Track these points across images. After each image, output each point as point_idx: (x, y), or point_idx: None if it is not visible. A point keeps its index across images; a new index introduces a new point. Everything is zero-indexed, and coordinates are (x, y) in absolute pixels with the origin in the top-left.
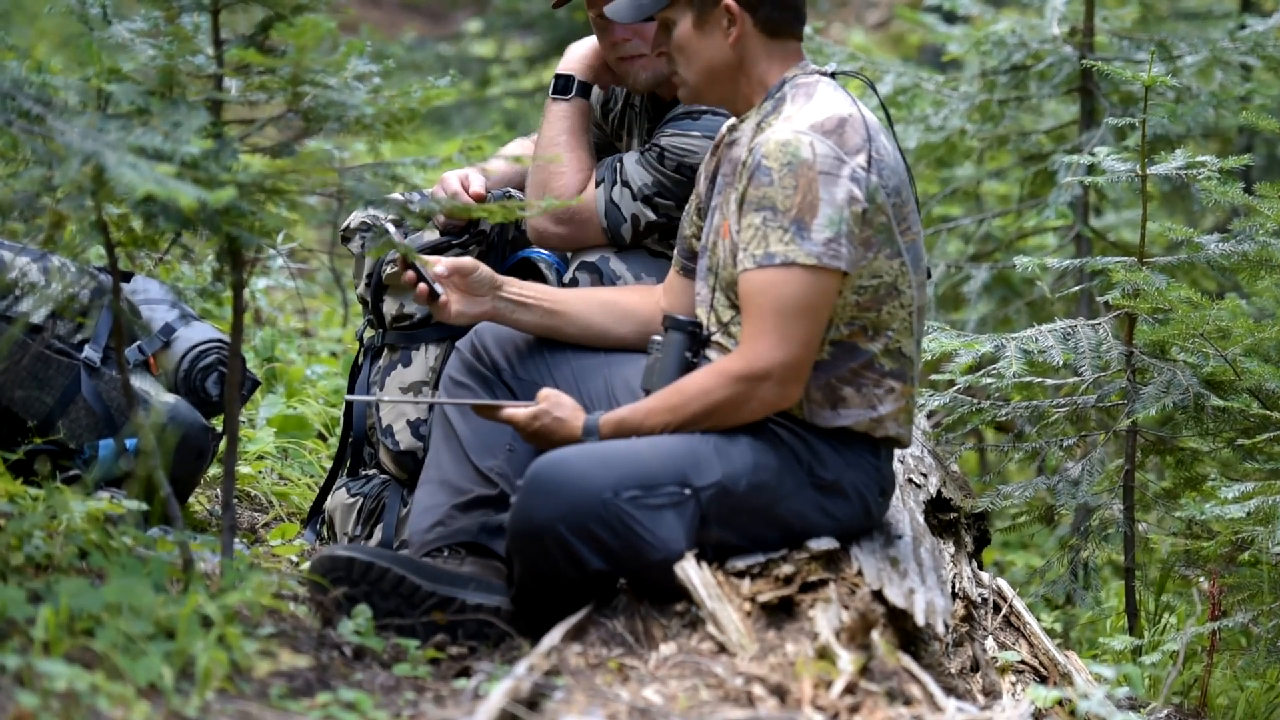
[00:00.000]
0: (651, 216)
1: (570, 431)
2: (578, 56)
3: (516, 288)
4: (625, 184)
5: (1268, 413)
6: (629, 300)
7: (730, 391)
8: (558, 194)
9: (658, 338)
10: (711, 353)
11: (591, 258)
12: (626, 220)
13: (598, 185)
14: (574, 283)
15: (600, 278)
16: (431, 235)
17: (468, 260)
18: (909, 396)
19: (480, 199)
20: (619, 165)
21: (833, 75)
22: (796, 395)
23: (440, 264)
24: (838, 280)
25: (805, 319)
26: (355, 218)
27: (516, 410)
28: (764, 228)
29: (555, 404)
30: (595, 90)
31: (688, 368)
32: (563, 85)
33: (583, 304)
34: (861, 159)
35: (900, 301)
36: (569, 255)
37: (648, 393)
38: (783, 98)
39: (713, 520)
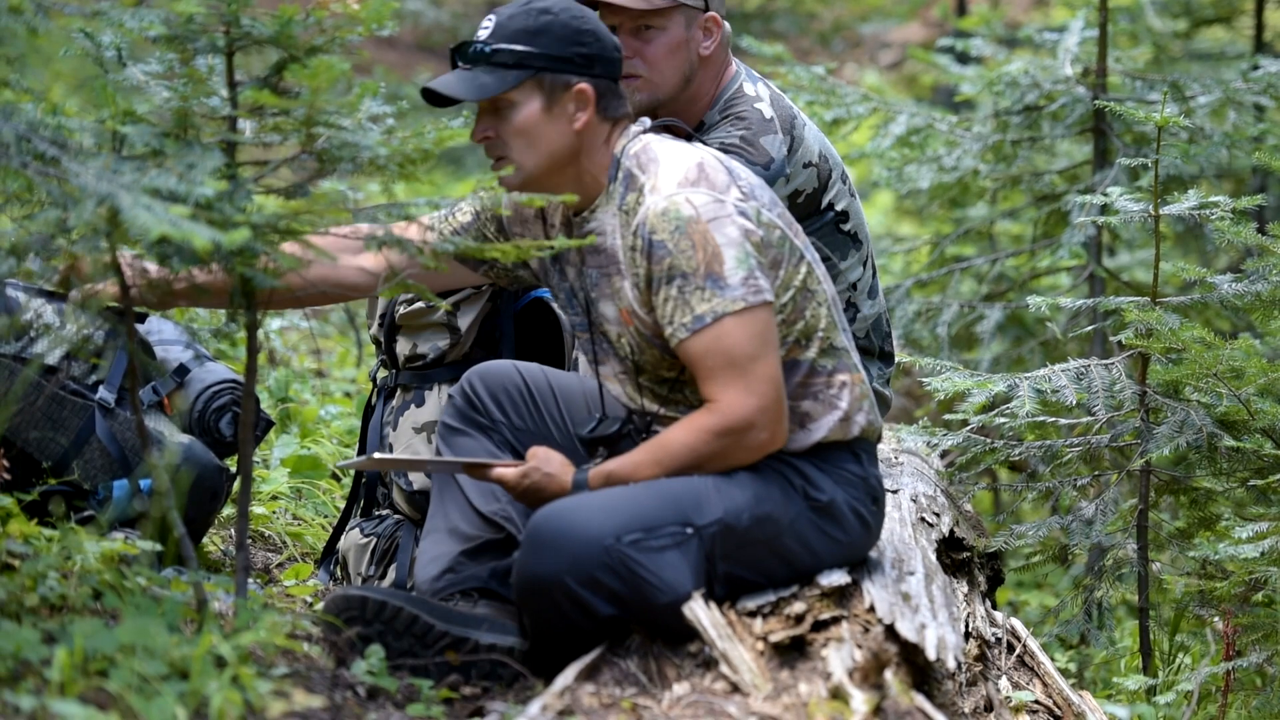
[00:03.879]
0: None
1: (560, 486)
2: None
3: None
4: None
5: None
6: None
7: (716, 446)
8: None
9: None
10: (659, 427)
11: None
12: None
13: None
14: None
15: None
16: None
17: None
18: (861, 382)
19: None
20: None
21: (646, 129)
22: (783, 435)
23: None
24: (769, 309)
25: (760, 359)
26: None
27: (506, 470)
28: (681, 296)
29: (544, 460)
30: None
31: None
32: None
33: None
34: (735, 193)
35: (817, 300)
36: None
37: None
38: (629, 174)
39: (719, 557)
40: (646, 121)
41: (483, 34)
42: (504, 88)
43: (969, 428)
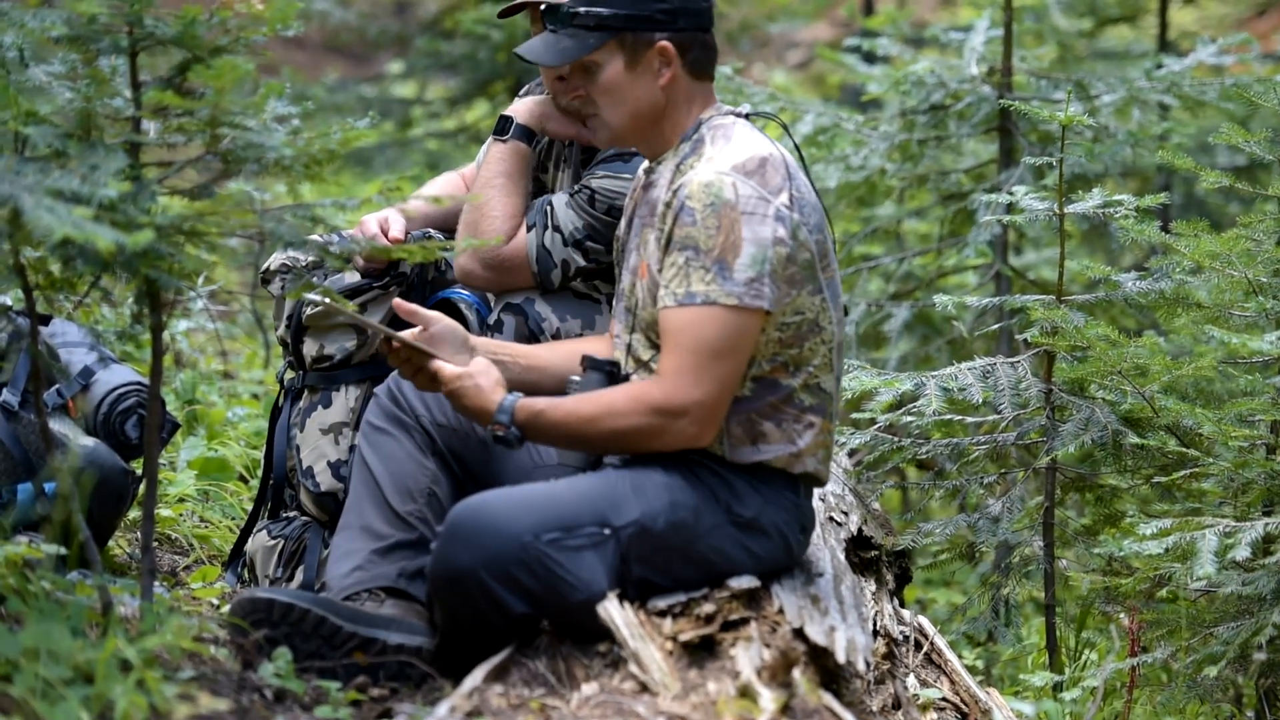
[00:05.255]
0: (581, 262)
1: (487, 401)
2: (523, 102)
3: (491, 345)
4: (556, 229)
5: (1185, 450)
6: (598, 350)
7: (645, 421)
8: (488, 237)
9: (575, 378)
10: None
11: (516, 299)
12: (557, 266)
13: (529, 230)
14: (499, 324)
15: (525, 319)
16: (352, 277)
17: (434, 315)
18: (828, 432)
19: (399, 243)
20: (550, 209)
21: (747, 116)
22: (710, 436)
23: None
24: (760, 319)
25: (725, 359)
26: (275, 259)
27: (446, 366)
28: (686, 267)
29: (483, 372)
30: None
31: None
32: (501, 126)
33: (555, 356)
34: (784, 198)
35: (821, 338)
36: (492, 297)
37: None
38: (700, 139)
39: (633, 559)
40: (747, 108)
41: None
42: (583, 52)
43: (876, 426)
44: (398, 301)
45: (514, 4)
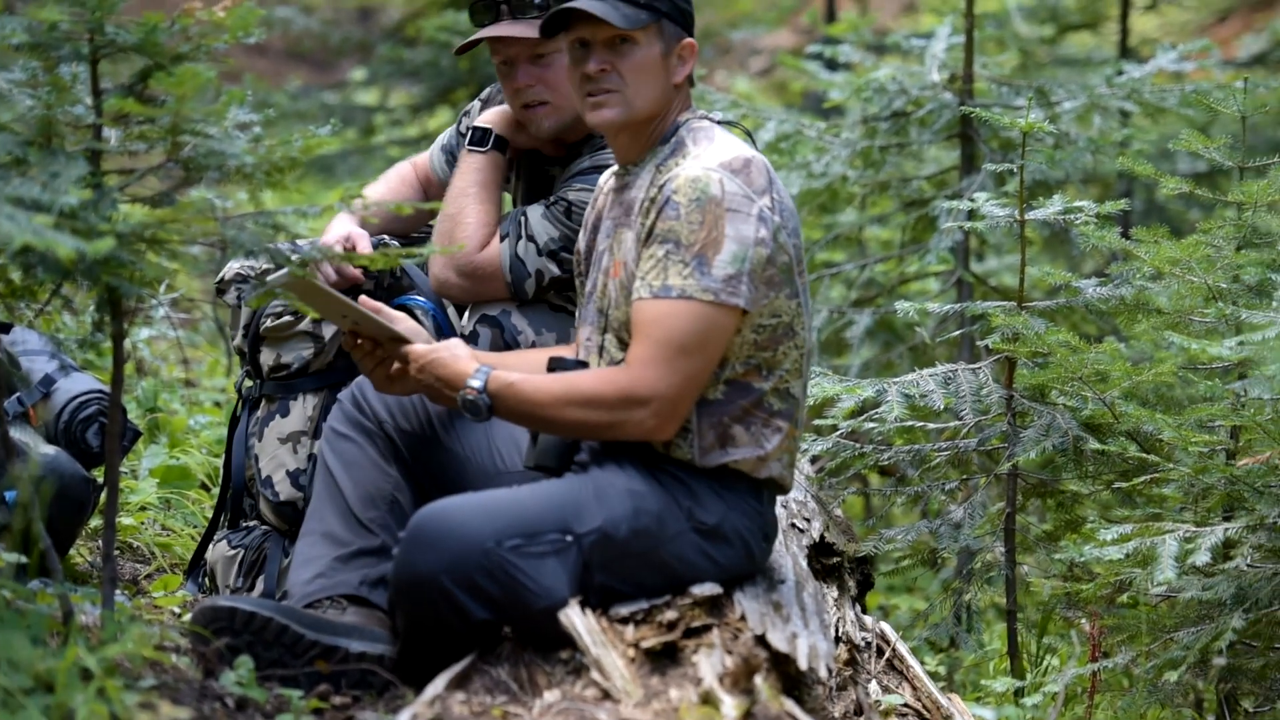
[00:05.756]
0: (555, 271)
1: (464, 366)
2: (497, 112)
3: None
4: (530, 239)
5: (1145, 455)
6: (567, 355)
7: (607, 406)
8: (462, 246)
9: None
10: None
11: (492, 311)
12: (531, 275)
13: (502, 239)
14: (474, 335)
15: (501, 331)
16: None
17: (399, 314)
18: (794, 438)
19: (363, 268)
20: (523, 219)
21: (718, 123)
22: (671, 430)
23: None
24: (735, 318)
25: (694, 355)
26: (230, 269)
27: (416, 345)
28: (665, 260)
29: (454, 345)
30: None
31: None
32: (479, 137)
33: (525, 364)
34: (767, 200)
35: (795, 342)
36: (468, 308)
37: (534, 441)
38: (680, 141)
39: (595, 566)
40: (717, 115)
41: None
42: (643, 23)
43: (838, 433)
44: (364, 298)
45: (473, 39)
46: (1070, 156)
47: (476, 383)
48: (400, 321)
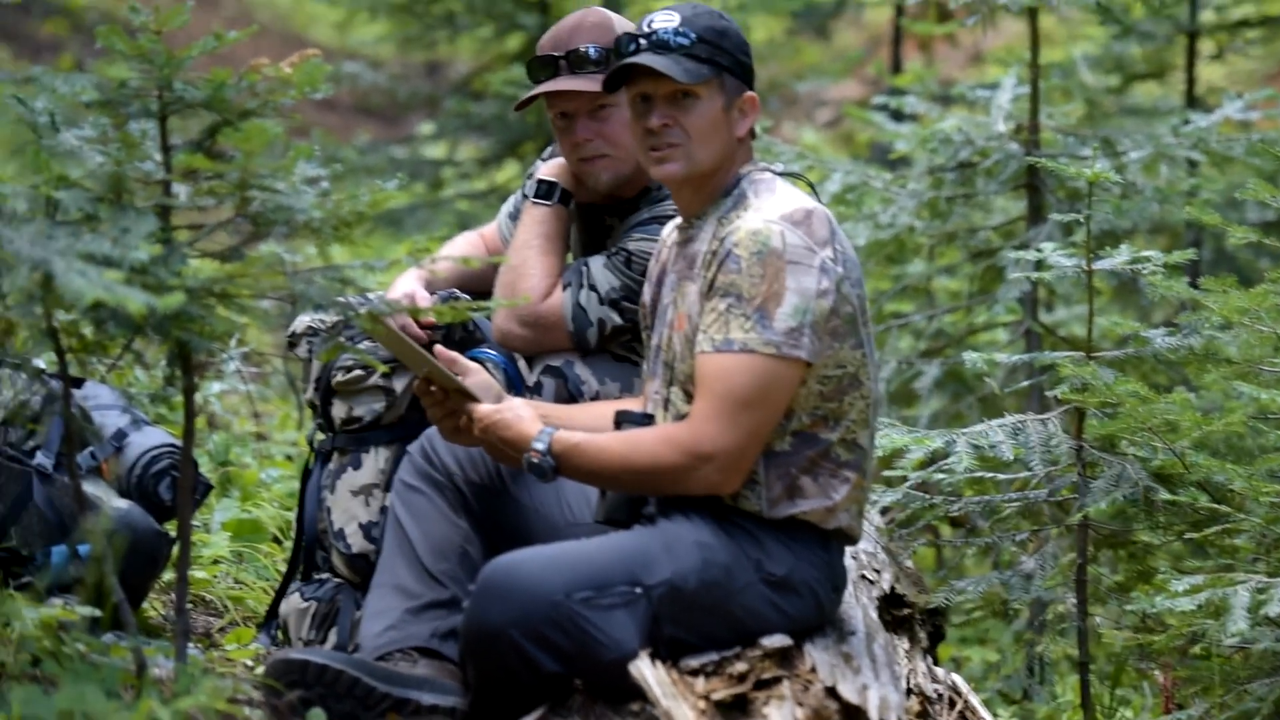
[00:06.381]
0: (618, 320)
1: (528, 428)
2: (558, 164)
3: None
4: (592, 288)
5: (1216, 506)
6: (633, 408)
7: (670, 462)
8: (527, 298)
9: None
10: None
11: (556, 362)
12: (593, 324)
13: (564, 289)
14: (538, 386)
15: (565, 382)
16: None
17: (472, 365)
18: (862, 489)
19: (431, 325)
20: (585, 269)
21: (779, 175)
22: (735, 484)
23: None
24: (799, 370)
25: (757, 409)
26: (300, 322)
27: (482, 405)
28: (727, 314)
29: (522, 406)
30: None
31: None
32: (545, 191)
33: (590, 417)
34: (829, 251)
35: (860, 392)
36: (530, 359)
37: (603, 495)
38: (743, 194)
39: (665, 618)
40: (779, 166)
41: (668, 24)
42: (705, 78)
43: (908, 484)
44: (439, 348)
45: (533, 94)
46: (1137, 206)
47: (540, 445)
48: (474, 374)
